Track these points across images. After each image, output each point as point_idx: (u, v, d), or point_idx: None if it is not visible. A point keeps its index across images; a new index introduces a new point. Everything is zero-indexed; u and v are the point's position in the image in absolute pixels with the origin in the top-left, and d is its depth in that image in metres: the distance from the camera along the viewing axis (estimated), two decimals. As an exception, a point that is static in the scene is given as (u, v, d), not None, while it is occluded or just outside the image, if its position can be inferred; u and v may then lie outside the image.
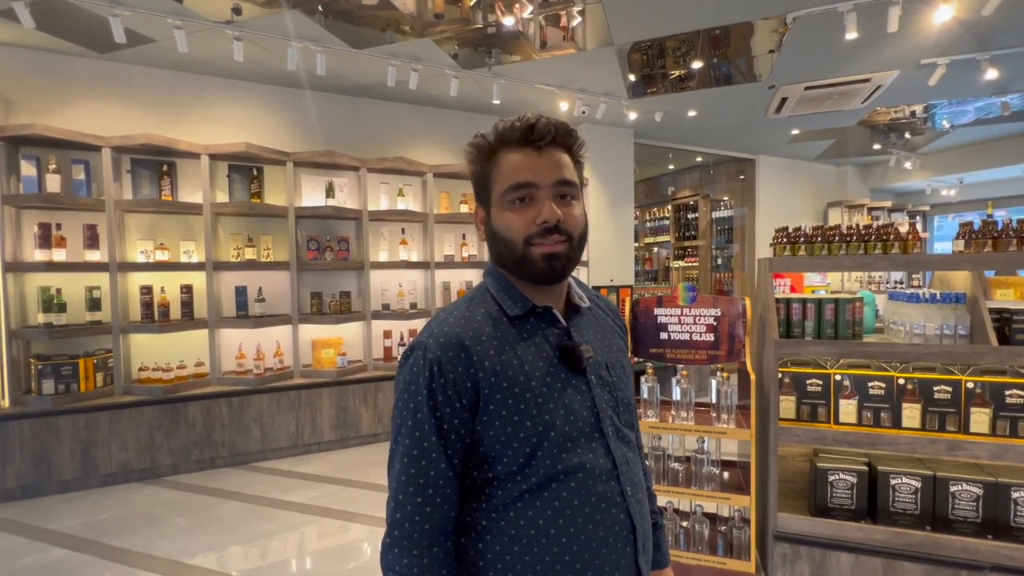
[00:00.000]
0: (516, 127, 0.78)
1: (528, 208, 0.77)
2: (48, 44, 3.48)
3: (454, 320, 0.78)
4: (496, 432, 0.73)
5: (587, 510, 0.73)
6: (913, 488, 2.03)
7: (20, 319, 3.45)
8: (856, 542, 2.03)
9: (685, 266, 8.06)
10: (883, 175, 7.85)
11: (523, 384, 0.74)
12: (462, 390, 0.73)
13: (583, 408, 0.77)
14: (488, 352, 0.75)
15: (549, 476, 0.73)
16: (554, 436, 0.73)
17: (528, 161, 0.77)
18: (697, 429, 2.28)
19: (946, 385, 2.00)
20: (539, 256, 0.76)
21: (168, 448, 3.58)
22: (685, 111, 5.15)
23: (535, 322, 0.80)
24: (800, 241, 2.23)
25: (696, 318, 2.40)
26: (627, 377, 0.88)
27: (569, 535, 0.73)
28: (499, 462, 0.74)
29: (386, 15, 3.27)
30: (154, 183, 3.78)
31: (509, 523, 0.73)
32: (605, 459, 0.77)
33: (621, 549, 0.75)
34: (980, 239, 2.04)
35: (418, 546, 0.71)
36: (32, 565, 2.51)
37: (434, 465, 0.72)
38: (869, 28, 3.25)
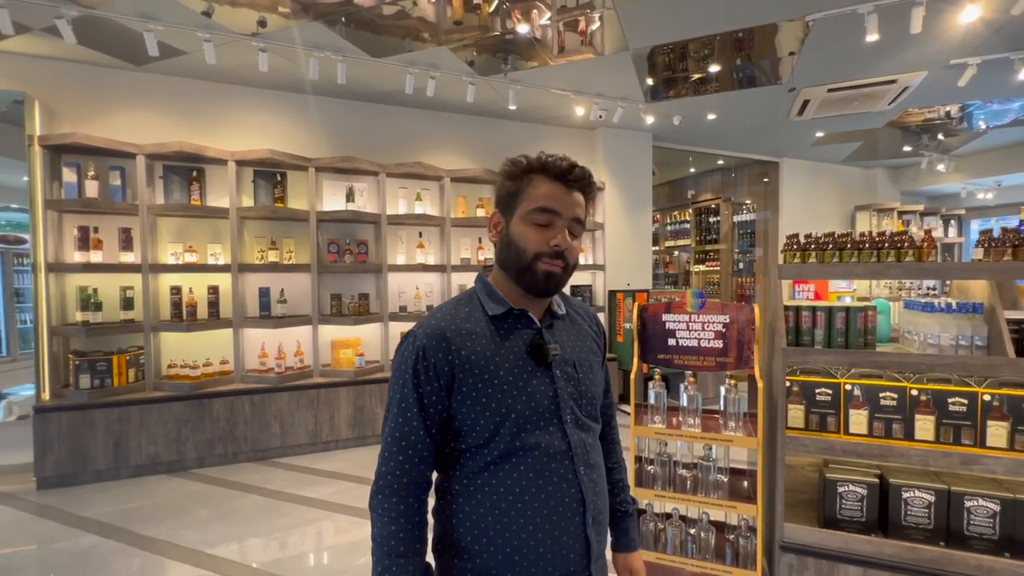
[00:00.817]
0: (560, 163, 0.93)
1: (547, 231, 0.91)
2: (88, 57, 3.68)
3: (441, 316, 0.93)
4: (467, 410, 0.87)
5: (540, 482, 0.87)
6: (926, 502, 1.99)
7: (60, 317, 3.66)
8: (865, 555, 1.99)
9: (706, 270, 7.96)
10: (915, 177, 7.59)
11: (492, 372, 0.88)
12: (440, 373, 0.88)
13: (544, 397, 0.90)
14: (465, 344, 0.89)
15: (509, 451, 0.87)
16: (514, 417, 0.87)
17: (559, 193, 0.91)
18: (703, 436, 2.28)
19: (962, 397, 1.94)
20: (542, 272, 0.91)
21: (194, 442, 3.74)
22: (704, 114, 5.10)
23: (512, 322, 0.94)
24: (811, 248, 2.20)
25: (704, 325, 2.39)
26: (593, 375, 1.00)
27: (524, 502, 0.86)
28: (469, 436, 0.88)
29: (405, 24, 3.35)
30: (184, 188, 3.96)
31: (477, 488, 0.88)
32: (561, 441, 0.90)
33: (571, 519, 0.88)
34: (1000, 247, 1.98)
35: (397, 495, 0.87)
36: (66, 550, 2.66)
37: (414, 432, 0.88)
38: (892, 29, 3.18)
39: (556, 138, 5.49)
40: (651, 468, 2.43)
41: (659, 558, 2.34)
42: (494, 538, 0.86)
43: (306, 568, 2.52)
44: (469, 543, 0.87)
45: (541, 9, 3.24)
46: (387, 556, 0.86)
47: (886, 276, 2.03)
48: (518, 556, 0.85)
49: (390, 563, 0.86)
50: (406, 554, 0.86)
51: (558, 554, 0.87)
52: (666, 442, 2.44)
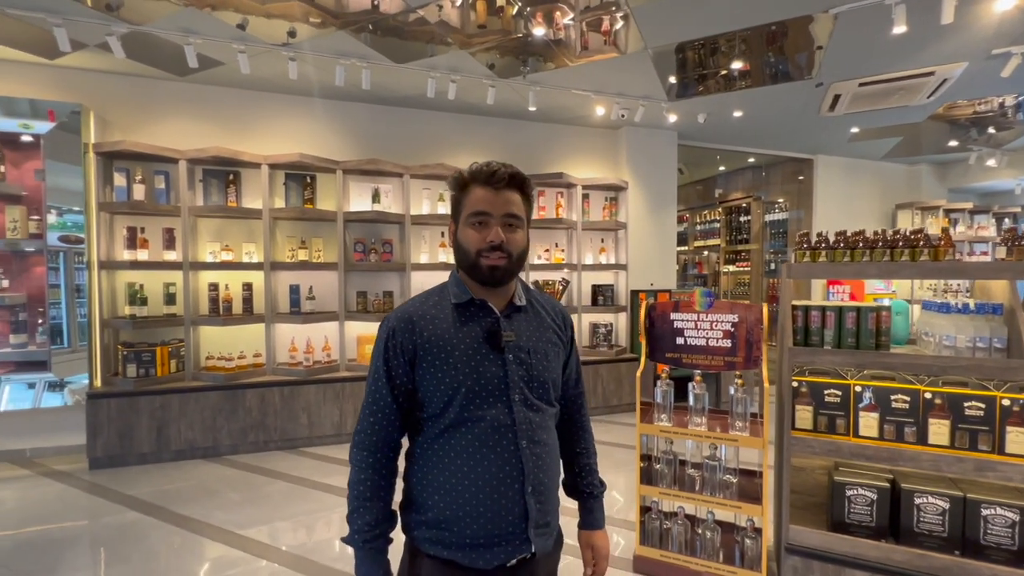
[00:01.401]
0: (483, 171, 1.04)
1: (483, 230, 1.03)
2: (136, 70, 3.97)
3: (412, 303, 1.09)
4: (426, 383, 1.01)
5: (484, 450, 0.99)
6: (941, 509, 1.93)
7: (111, 311, 3.95)
8: (873, 560, 1.95)
9: (736, 271, 7.78)
10: (963, 174, 7.19)
11: (448, 352, 1.01)
12: (405, 350, 1.02)
13: (495, 377, 1.02)
14: (428, 326, 1.03)
15: (459, 420, 1.00)
16: (464, 392, 0.99)
17: (487, 196, 1.03)
18: (708, 435, 2.28)
19: (979, 401, 1.88)
20: (487, 266, 1.03)
21: (228, 430, 3.97)
22: (730, 112, 5.01)
23: (474, 311, 1.06)
24: (821, 248, 2.17)
25: (713, 324, 2.38)
26: (547, 362, 1.09)
27: (470, 466, 0.99)
28: (428, 406, 1.02)
29: (428, 29, 3.46)
30: (221, 191, 4.20)
31: (432, 452, 1.02)
32: (506, 417, 1.01)
33: (509, 485, 0.99)
34: (1022, 246, 1.90)
35: (367, 449, 1.04)
36: (112, 524, 2.90)
37: (383, 398, 1.03)
38: (923, 20, 3.06)
39: (579, 138, 5.51)
40: (658, 466, 2.45)
41: (664, 555, 2.35)
42: (444, 495, 0.99)
43: (329, 550, 2.65)
44: (423, 499, 1.02)
45: (562, 11, 3.29)
46: (356, 499, 1.02)
47: (900, 275, 1.99)
48: (462, 512, 0.98)
49: (358, 504, 1.02)
50: (372, 499, 1.02)
51: (496, 515, 0.98)
52: (672, 440, 2.45)
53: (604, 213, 5.48)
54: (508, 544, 0.99)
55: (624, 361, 5.21)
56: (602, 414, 5.14)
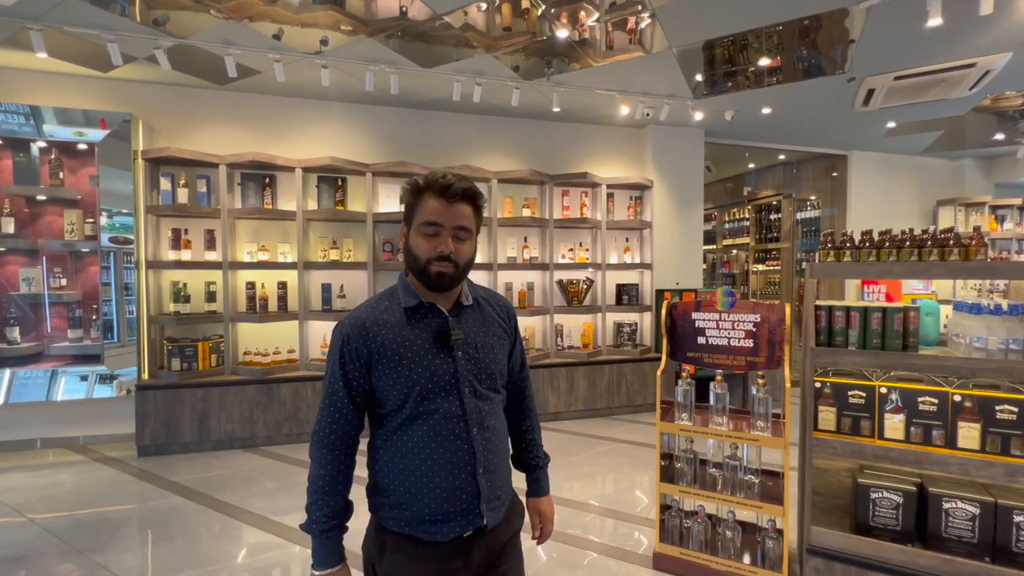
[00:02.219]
0: (439, 182, 1.08)
1: (433, 239, 1.08)
2: (180, 80, 4.19)
3: (364, 309, 1.15)
4: (383, 385, 1.09)
5: (439, 439, 1.08)
6: (969, 514, 1.89)
7: (157, 308, 4.20)
8: (898, 565, 1.93)
9: (766, 270, 7.62)
10: (1011, 168, 6.84)
11: (401, 354, 1.09)
12: (360, 355, 1.09)
13: (446, 373, 1.10)
14: (381, 332, 1.10)
15: (414, 415, 1.08)
16: (419, 390, 1.08)
17: (440, 208, 1.08)
18: (729, 435, 2.28)
19: (1011, 405, 1.83)
20: (434, 273, 1.09)
21: (264, 422, 4.16)
22: (758, 108, 4.93)
23: (423, 312, 1.14)
24: (846, 247, 2.14)
25: (735, 323, 2.38)
26: (494, 355, 1.18)
27: (426, 454, 1.08)
28: (386, 403, 1.10)
29: (454, 34, 3.54)
30: (258, 194, 4.40)
31: (392, 443, 1.10)
32: (458, 408, 1.10)
33: (463, 467, 1.09)
34: (1059, 246, 1.84)
35: (327, 447, 1.11)
36: (158, 507, 3.09)
37: (340, 400, 1.11)
38: (960, 11, 2.96)
39: (604, 137, 5.51)
40: (678, 465, 2.46)
41: (684, 553, 2.37)
42: (403, 480, 1.09)
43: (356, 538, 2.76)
44: (387, 484, 1.11)
45: (587, 11, 3.31)
46: (315, 492, 1.11)
47: (928, 276, 1.95)
48: (420, 495, 1.08)
49: (317, 498, 1.10)
50: (330, 492, 1.10)
51: (452, 494, 1.08)
52: (692, 439, 2.46)
53: (629, 212, 5.47)
54: (463, 519, 1.09)
55: (648, 360, 5.19)
56: (626, 413, 5.14)
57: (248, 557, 2.59)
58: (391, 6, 3.18)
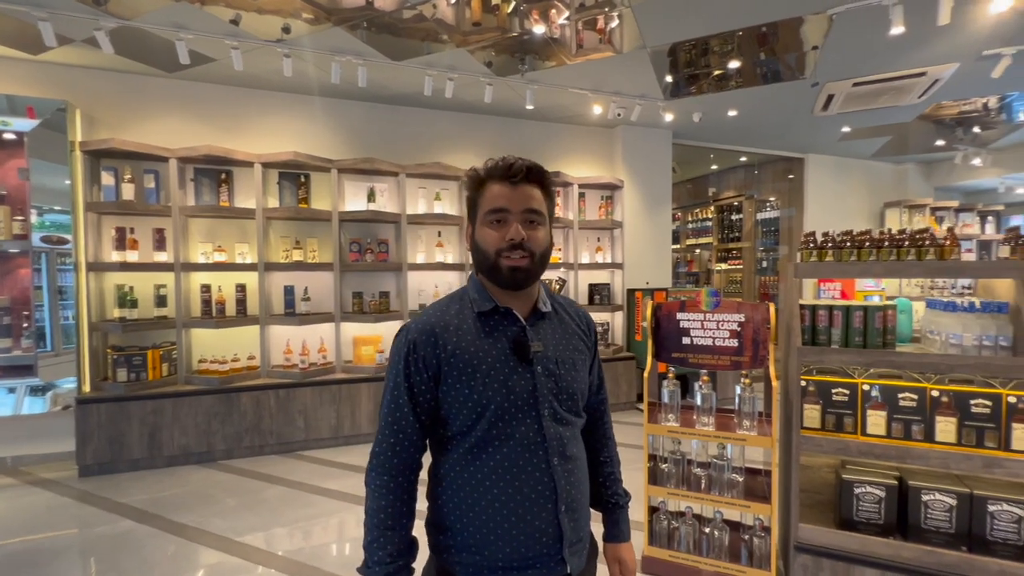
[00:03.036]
0: (499, 166, 0.98)
1: (501, 228, 0.96)
2: (125, 66, 3.86)
3: (432, 312, 1.02)
4: (451, 400, 0.95)
5: (515, 470, 0.94)
6: (947, 505, 1.95)
7: (99, 313, 3.85)
8: (883, 558, 1.97)
9: (728, 269, 7.85)
10: (949, 173, 7.32)
11: (475, 366, 0.95)
12: (428, 365, 0.96)
13: (524, 391, 0.96)
14: (452, 339, 0.96)
15: (487, 439, 0.94)
16: (493, 408, 0.94)
17: (505, 192, 0.96)
18: (717, 435, 2.28)
19: (985, 399, 1.90)
20: (506, 267, 0.96)
21: (222, 434, 3.89)
22: (725, 111, 5.04)
23: (498, 319, 1.00)
24: (828, 247, 2.18)
25: (719, 323, 2.39)
26: (576, 373, 1.04)
27: (500, 487, 0.94)
28: (453, 423, 0.96)
29: (424, 27, 3.42)
30: (213, 190, 4.11)
31: (458, 473, 0.97)
32: (536, 434, 0.96)
33: (543, 505, 0.94)
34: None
35: (388, 473, 0.96)
36: (106, 534, 2.82)
37: (405, 417, 0.97)
38: (918, 21, 3.09)
39: (575, 137, 5.50)
40: (665, 466, 2.44)
41: (673, 555, 2.35)
42: (473, 518, 0.94)
43: (328, 557, 2.61)
44: (452, 521, 0.96)
45: (559, 8, 3.26)
46: (376, 528, 0.95)
47: (906, 275, 2.00)
48: (493, 536, 0.93)
49: (379, 534, 0.95)
50: (393, 527, 0.95)
51: (530, 536, 0.93)
52: (680, 440, 2.44)
53: (600, 212, 5.48)
54: (543, 567, 0.95)
55: (621, 360, 5.21)
56: (600, 413, 5.14)
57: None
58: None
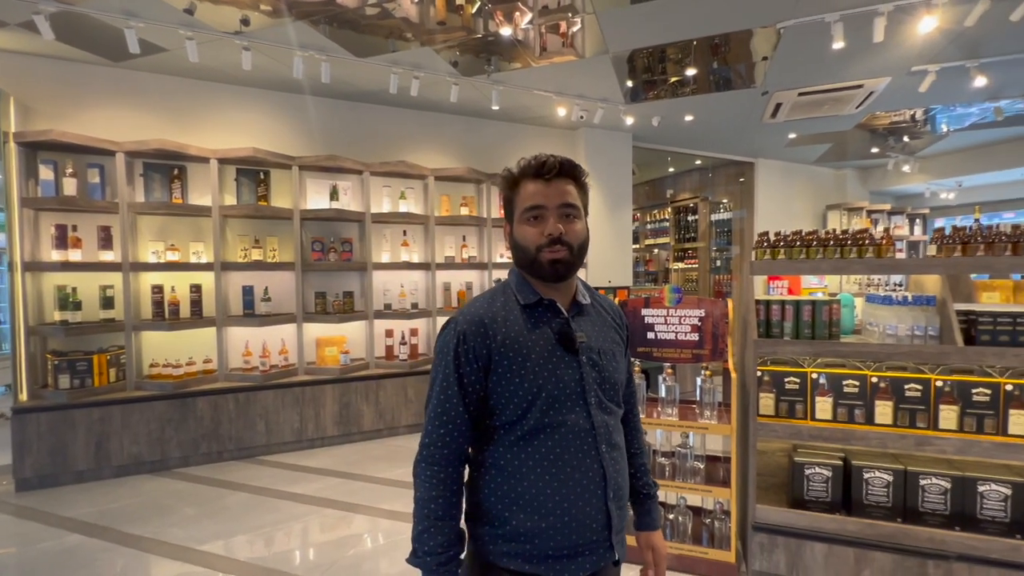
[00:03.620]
0: (532, 164, 1.02)
1: (539, 224, 1.00)
2: (64, 53, 3.63)
3: (479, 305, 1.04)
4: (502, 389, 0.97)
5: (566, 457, 0.96)
6: (885, 481, 2.13)
7: (37, 317, 3.60)
8: (830, 533, 2.13)
9: (685, 268, 8.16)
10: (882, 178, 7.90)
11: (524, 356, 0.97)
12: (479, 356, 0.98)
13: (572, 380, 0.99)
14: (501, 330, 0.99)
15: (538, 427, 0.96)
16: (544, 397, 0.96)
17: (540, 189, 1.01)
18: (680, 424, 2.39)
19: (916, 383, 2.09)
20: (547, 261, 0.99)
21: (177, 441, 3.72)
22: (682, 116, 5.25)
23: (542, 311, 1.03)
24: (780, 246, 2.33)
25: (681, 318, 2.51)
26: (616, 363, 1.08)
27: (551, 474, 0.95)
28: (503, 413, 0.98)
29: (388, 24, 3.39)
30: (165, 186, 3.93)
31: (507, 462, 0.98)
32: (585, 421, 0.98)
33: (593, 491, 0.97)
34: (951, 244, 2.13)
35: (438, 464, 0.98)
36: (51, 549, 2.65)
37: (455, 408, 0.98)
38: (856, 37, 3.34)
39: (539, 138, 5.58)
40: (631, 456, 2.54)
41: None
42: (524, 506, 0.95)
43: (296, 562, 2.56)
44: (500, 511, 0.97)
45: (522, 11, 3.32)
46: (426, 519, 0.97)
47: (849, 271, 2.17)
48: (545, 524, 0.94)
49: (429, 524, 0.96)
50: (444, 518, 0.97)
51: (581, 524, 0.95)
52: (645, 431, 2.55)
53: (564, 212, 5.58)
54: (592, 554, 0.97)
55: (585, 357, 5.33)
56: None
57: (172, 595, 2.30)
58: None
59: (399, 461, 3.88)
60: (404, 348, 4.59)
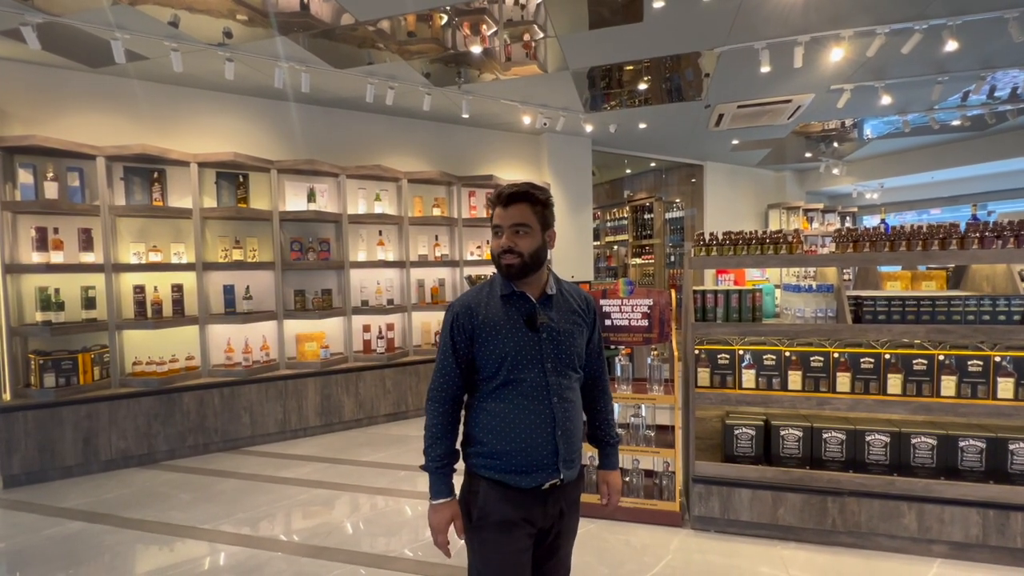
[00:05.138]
0: (500, 194, 1.37)
1: (498, 238, 1.37)
2: (43, 59, 3.69)
3: (471, 295, 1.41)
4: (482, 354, 1.35)
5: (525, 403, 1.34)
6: (797, 437, 2.61)
7: (19, 318, 3.67)
8: (753, 480, 2.59)
9: (642, 263, 8.71)
10: (816, 180, 8.68)
11: (497, 330, 1.35)
12: (466, 329, 1.36)
13: (532, 350, 1.35)
14: (483, 312, 1.36)
15: (506, 381, 1.34)
16: (509, 360, 1.34)
17: (500, 212, 1.36)
18: (634, 397, 2.81)
19: (819, 356, 2.58)
20: (504, 264, 1.36)
21: (164, 435, 3.87)
22: (636, 123, 5.71)
23: (516, 300, 1.38)
24: (714, 244, 2.77)
25: (633, 307, 2.92)
26: (573, 339, 1.40)
27: (515, 414, 1.34)
28: (484, 370, 1.36)
29: (361, 34, 3.61)
30: (146, 189, 4.04)
31: (487, 404, 1.36)
32: (541, 380, 1.35)
33: (544, 429, 1.34)
34: (845, 242, 2.63)
35: (438, 401, 1.38)
36: (56, 535, 2.81)
37: (449, 364, 1.37)
38: (782, 60, 3.85)
39: (505, 143, 5.93)
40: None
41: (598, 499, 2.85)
42: (495, 435, 1.34)
43: (296, 534, 2.82)
44: (480, 437, 1.37)
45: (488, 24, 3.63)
46: (431, 437, 1.36)
47: (767, 265, 2.63)
48: (510, 447, 1.32)
49: (431, 442, 1.36)
50: (440, 437, 1.36)
51: (535, 450, 1.32)
52: (604, 404, 2.95)
53: (529, 212, 5.95)
54: (543, 471, 1.32)
55: (551, 347, 5.73)
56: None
57: (194, 565, 2.53)
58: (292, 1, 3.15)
59: (381, 447, 4.16)
60: (381, 342, 4.85)
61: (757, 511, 2.59)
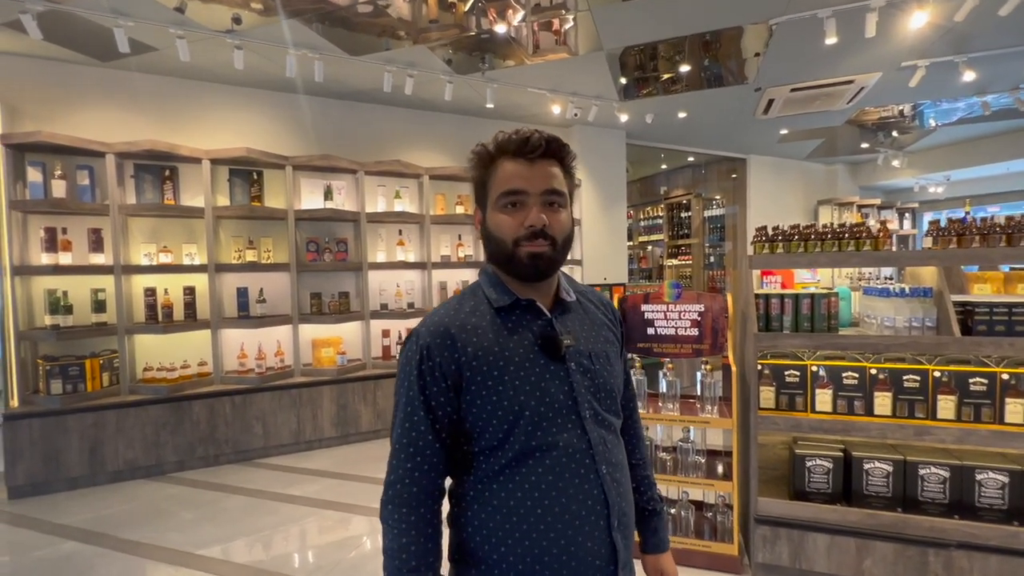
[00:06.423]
0: (513, 139, 0.86)
1: (518, 212, 0.85)
2: (52, 53, 3.56)
3: (444, 312, 0.89)
4: (477, 410, 0.83)
5: (561, 484, 0.81)
6: (885, 472, 2.15)
7: (27, 321, 3.54)
8: (832, 524, 2.15)
9: (679, 264, 8.19)
10: (872, 173, 7.98)
11: (501, 368, 0.83)
12: (447, 372, 0.83)
13: (560, 392, 0.84)
14: (472, 340, 0.84)
15: (524, 451, 0.82)
16: (528, 415, 0.82)
17: (521, 170, 0.85)
18: (682, 419, 2.40)
19: (915, 374, 2.12)
20: (525, 255, 0.84)
21: (173, 445, 3.68)
22: (675, 112, 5.26)
23: (520, 313, 0.89)
24: (778, 240, 2.34)
25: (681, 314, 2.51)
26: (611, 367, 0.93)
27: (544, 507, 0.81)
28: (482, 437, 0.84)
29: (381, 22, 3.37)
30: (157, 187, 3.87)
31: (492, 494, 0.83)
32: (581, 439, 0.84)
33: (594, 523, 0.82)
34: (946, 236, 2.16)
35: (407, 505, 0.83)
36: (47, 557, 2.61)
37: (422, 436, 0.84)
38: (848, 33, 3.37)
39: (532, 136, 5.57)
40: (633, 452, 2.55)
41: (642, 537, 2.45)
42: (513, 547, 0.81)
43: (296, 564, 2.54)
44: (486, 552, 0.82)
45: (515, 8, 3.31)
46: (398, 570, 0.82)
47: (847, 264, 2.19)
48: (539, 565, 0.80)
49: (397, 573, 0.82)
50: (418, 568, 0.82)
51: (582, 561, 0.81)
52: (647, 426, 2.56)
53: (559, 210, 5.59)
54: None
55: (582, 354, 5.34)
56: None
57: (173, 601, 2.27)
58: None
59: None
60: (401, 348, 4.57)
61: (836, 561, 2.14)
